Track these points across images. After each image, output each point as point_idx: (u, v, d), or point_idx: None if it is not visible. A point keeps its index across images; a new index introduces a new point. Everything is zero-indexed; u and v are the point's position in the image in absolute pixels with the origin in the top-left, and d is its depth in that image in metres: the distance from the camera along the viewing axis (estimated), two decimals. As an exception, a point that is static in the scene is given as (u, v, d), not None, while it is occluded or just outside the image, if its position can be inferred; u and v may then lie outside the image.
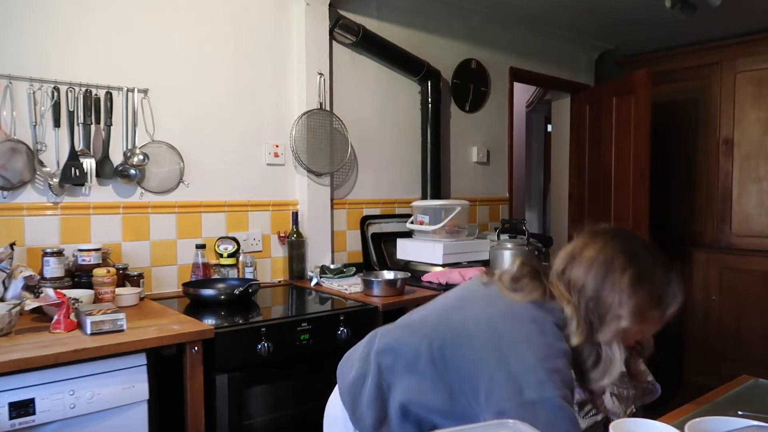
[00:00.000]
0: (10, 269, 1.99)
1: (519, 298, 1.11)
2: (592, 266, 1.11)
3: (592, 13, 3.71)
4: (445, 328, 1.17)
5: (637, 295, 1.07)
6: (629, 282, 1.08)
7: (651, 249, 1.14)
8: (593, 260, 1.11)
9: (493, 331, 1.08)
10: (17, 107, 2.12)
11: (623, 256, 1.10)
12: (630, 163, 3.83)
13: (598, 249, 1.12)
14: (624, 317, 1.06)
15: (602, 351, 1.09)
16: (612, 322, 1.07)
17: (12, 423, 1.48)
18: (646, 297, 1.08)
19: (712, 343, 4.02)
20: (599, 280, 1.09)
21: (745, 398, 1.36)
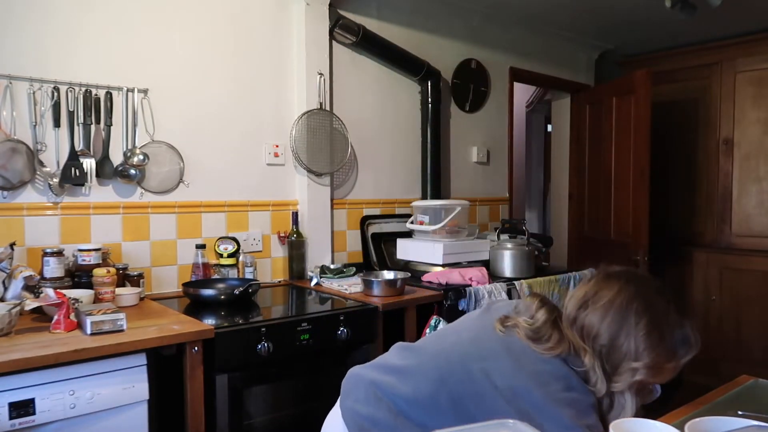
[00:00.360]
0: (10, 269, 1.99)
1: (542, 350, 1.08)
2: (607, 313, 1.09)
3: (592, 13, 3.71)
4: (465, 377, 1.14)
5: (653, 350, 1.06)
6: (645, 333, 1.06)
7: (665, 294, 1.12)
8: (608, 307, 1.09)
9: (526, 392, 1.05)
10: (17, 107, 2.12)
11: (638, 302, 1.08)
12: (630, 163, 3.83)
13: (613, 294, 1.10)
14: (639, 370, 1.06)
15: (615, 398, 1.09)
16: (626, 373, 1.06)
17: (12, 423, 1.48)
18: (662, 351, 1.07)
19: (712, 343, 4.02)
20: (614, 329, 1.07)
21: (745, 398, 1.36)
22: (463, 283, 2.62)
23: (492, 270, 2.90)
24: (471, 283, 2.61)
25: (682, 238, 4.22)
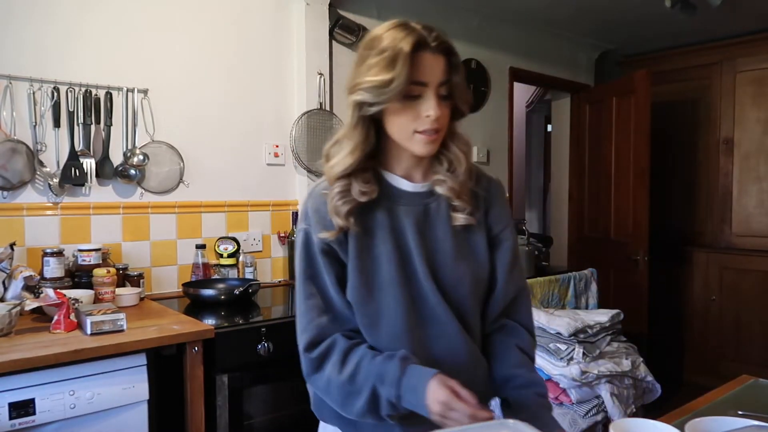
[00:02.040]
0: (10, 269, 1.99)
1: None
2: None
3: (592, 13, 3.71)
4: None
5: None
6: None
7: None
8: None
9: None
10: (17, 107, 2.12)
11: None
12: (630, 163, 3.83)
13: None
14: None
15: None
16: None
17: (12, 423, 1.48)
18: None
19: (712, 343, 4.02)
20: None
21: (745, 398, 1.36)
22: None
23: (492, 270, 2.89)
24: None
25: (682, 238, 4.22)
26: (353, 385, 1.03)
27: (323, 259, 1.10)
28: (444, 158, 1.13)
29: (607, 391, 2.51)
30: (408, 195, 1.13)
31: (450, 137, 1.12)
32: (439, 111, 1.03)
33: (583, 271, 3.10)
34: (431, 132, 1.04)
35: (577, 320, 2.64)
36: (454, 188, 1.11)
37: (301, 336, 1.10)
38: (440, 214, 1.13)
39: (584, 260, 4.02)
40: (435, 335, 1.11)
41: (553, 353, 2.54)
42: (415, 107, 1.03)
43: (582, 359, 2.52)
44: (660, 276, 4.09)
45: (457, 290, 1.12)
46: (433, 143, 1.06)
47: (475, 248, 1.15)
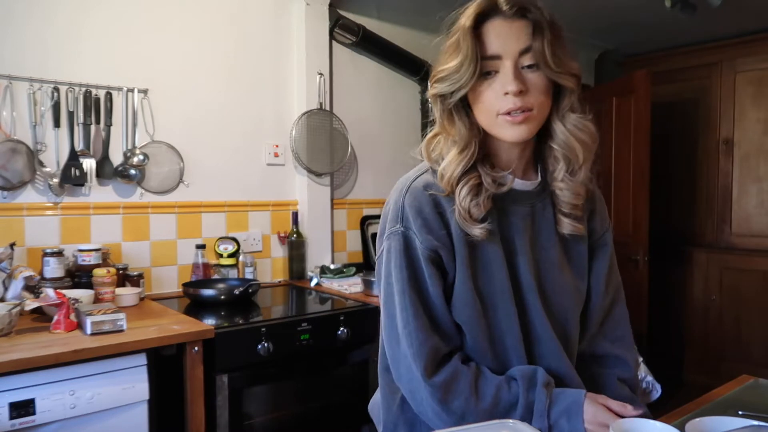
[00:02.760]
0: (10, 269, 1.99)
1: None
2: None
3: (592, 13, 3.71)
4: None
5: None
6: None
7: None
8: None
9: None
10: (17, 107, 2.12)
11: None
12: (630, 163, 3.83)
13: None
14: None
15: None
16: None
17: (12, 423, 1.48)
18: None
19: (712, 343, 4.02)
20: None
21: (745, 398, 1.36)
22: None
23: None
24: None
25: (682, 238, 4.21)
26: (493, 418, 0.90)
27: (429, 269, 0.94)
28: (557, 151, 0.97)
29: (607, 391, 2.50)
30: (516, 194, 0.99)
31: (559, 122, 0.96)
32: (520, 84, 0.88)
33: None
34: (516, 112, 0.89)
35: (577, 320, 2.64)
36: (577, 193, 0.97)
37: (416, 362, 0.93)
38: (546, 217, 1.00)
39: (584, 260, 4.01)
40: (537, 354, 0.99)
41: (553, 353, 2.54)
42: (495, 86, 0.90)
43: (582, 359, 2.52)
44: (660, 276, 4.09)
45: (558, 305, 1.00)
46: (522, 126, 0.90)
47: (579, 258, 1.04)
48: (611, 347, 1.11)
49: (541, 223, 1.00)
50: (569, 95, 0.94)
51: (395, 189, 1.01)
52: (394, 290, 0.96)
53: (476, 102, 0.93)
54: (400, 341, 0.95)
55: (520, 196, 0.99)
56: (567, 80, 0.92)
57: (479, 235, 0.93)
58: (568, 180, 0.97)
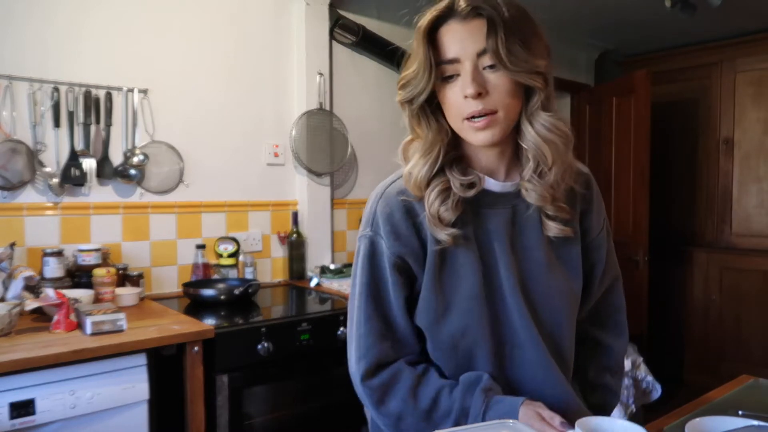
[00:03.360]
0: (10, 269, 1.99)
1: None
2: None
3: (592, 13, 3.71)
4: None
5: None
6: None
7: None
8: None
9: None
10: (17, 107, 2.12)
11: None
12: (630, 163, 3.83)
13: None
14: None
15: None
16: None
17: (12, 423, 1.48)
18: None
19: (712, 343, 4.02)
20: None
21: (745, 398, 1.36)
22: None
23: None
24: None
25: (682, 237, 4.22)
26: (430, 421, 0.91)
27: (393, 276, 0.94)
28: (527, 152, 0.93)
29: (607, 391, 2.50)
30: (494, 195, 0.95)
31: (527, 122, 0.91)
32: (478, 87, 0.84)
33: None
34: (478, 117, 0.86)
35: (577, 320, 2.64)
36: (544, 195, 0.92)
37: (358, 363, 0.96)
38: (530, 217, 0.96)
39: (584, 260, 4.01)
40: (518, 361, 0.95)
41: (553, 353, 2.54)
42: (456, 90, 0.87)
43: (582, 359, 2.52)
44: (660, 276, 4.09)
45: (548, 308, 0.96)
46: (486, 131, 0.87)
47: (571, 259, 0.99)
48: (599, 333, 1.12)
49: (523, 224, 0.96)
50: (537, 94, 0.90)
51: (372, 193, 1.01)
52: (356, 292, 0.99)
53: (444, 106, 0.91)
54: (351, 341, 0.99)
55: (498, 198, 0.96)
56: (529, 79, 0.87)
57: (446, 239, 0.91)
58: (536, 181, 0.92)
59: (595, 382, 1.11)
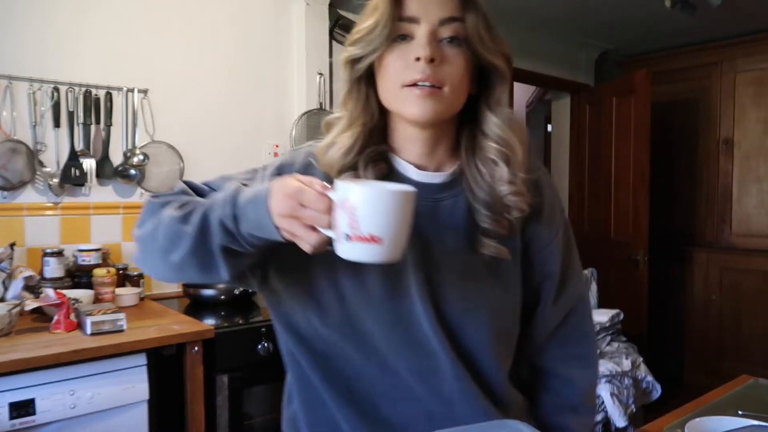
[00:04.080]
0: (10, 269, 1.99)
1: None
2: None
3: (592, 13, 3.71)
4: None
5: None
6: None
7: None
8: None
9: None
10: (17, 107, 2.12)
11: None
12: (630, 163, 3.83)
13: None
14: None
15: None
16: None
17: (12, 423, 1.48)
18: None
19: (712, 343, 4.02)
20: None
21: (745, 398, 1.36)
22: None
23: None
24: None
25: (682, 238, 4.22)
26: (185, 223, 0.73)
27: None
28: (491, 150, 0.81)
29: (607, 391, 2.51)
30: (413, 186, 0.80)
31: (491, 113, 0.81)
32: (434, 51, 0.74)
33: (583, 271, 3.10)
34: (424, 83, 0.75)
35: (577, 320, 2.64)
36: (523, 193, 0.80)
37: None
38: (456, 216, 0.83)
39: (584, 260, 3.99)
40: (422, 369, 0.83)
41: (553, 353, 2.54)
42: (406, 53, 0.76)
43: (582, 359, 2.52)
44: (660, 276, 4.09)
45: (466, 320, 0.83)
46: (428, 100, 0.75)
47: (499, 270, 0.85)
48: (557, 363, 0.96)
49: (447, 222, 0.83)
50: (501, 83, 0.80)
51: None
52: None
53: (381, 73, 0.79)
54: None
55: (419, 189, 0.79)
56: (500, 60, 0.79)
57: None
58: (515, 180, 0.80)
59: (549, 421, 0.95)
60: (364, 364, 0.83)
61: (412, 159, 0.83)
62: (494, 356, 0.86)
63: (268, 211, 0.67)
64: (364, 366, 0.83)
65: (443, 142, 0.84)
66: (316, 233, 0.66)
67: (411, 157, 0.83)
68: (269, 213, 0.67)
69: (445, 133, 0.83)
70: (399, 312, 0.81)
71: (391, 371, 0.83)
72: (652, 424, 1.24)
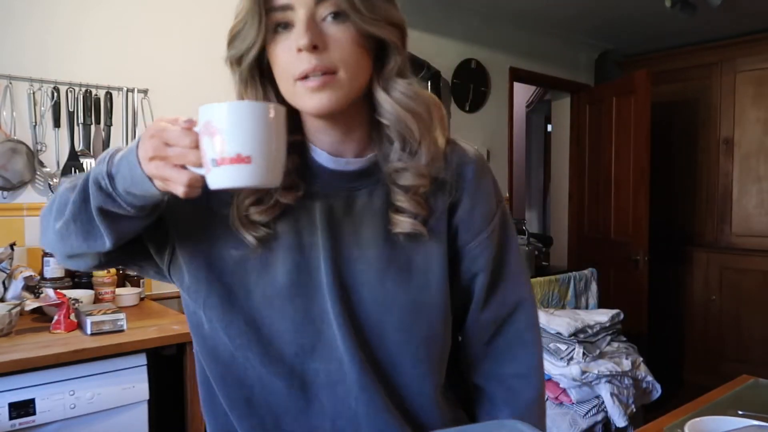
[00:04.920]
0: (10, 269, 1.99)
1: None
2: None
3: (592, 13, 3.71)
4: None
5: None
6: None
7: None
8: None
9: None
10: (17, 107, 2.12)
11: None
12: (630, 163, 3.84)
13: None
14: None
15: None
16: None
17: (12, 423, 1.48)
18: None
19: (712, 343, 4.02)
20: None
21: (745, 398, 1.36)
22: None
23: (492, 270, 2.89)
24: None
25: (682, 238, 4.22)
26: (72, 190, 0.70)
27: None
28: (387, 128, 0.75)
29: (607, 391, 2.51)
30: (326, 175, 0.77)
31: (382, 90, 0.74)
32: (313, 38, 0.67)
33: (583, 271, 3.10)
34: (314, 75, 0.68)
35: (577, 320, 2.64)
36: (421, 174, 0.74)
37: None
38: (372, 207, 0.77)
39: (584, 260, 4.02)
40: (330, 378, 0.75)
41: (553, 353, 2.54)
42: (289, 43, 0.69)
43: (582, 359, 2.53)
44: (660, 276, 4.09)
45: (382, 321, 0.75)
46: (322, 93, 0.69)
47: (421, 263, 0.77)
48: (490, 383, 0.85)
49: (362, 213, 0.76)
50: (394, 55, 0.73)
51: None
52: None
53: (274, 67, 0.73)
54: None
55: (330, 178, 0.77)
56: (387, 31, 0.71)
57: (252, 242, 0.74)
58: (408, 161, 0.74)
59: None
60: (267, 373, 0.76)
61: (326, 147, 0.77)
62: (417, 365, 0.77)
63: (138, 160, 0.62)
64: (267, 375, 0.76)
65: (357, 127, 0.77)
66: (186, 172, 0.61)
67: (325, 145, 0.77)
68: (139, 162, 0.62)
69: (357, 117, 0.76)
70: (310, 311, 0.74)
71: (297, 381, 0.76)
72: (652, 424, 1.24)
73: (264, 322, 0.75)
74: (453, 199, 0.78)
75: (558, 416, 2.45)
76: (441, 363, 0.80)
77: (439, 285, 0.77)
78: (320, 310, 0.74)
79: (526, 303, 0.85)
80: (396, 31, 0.73)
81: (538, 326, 0.87)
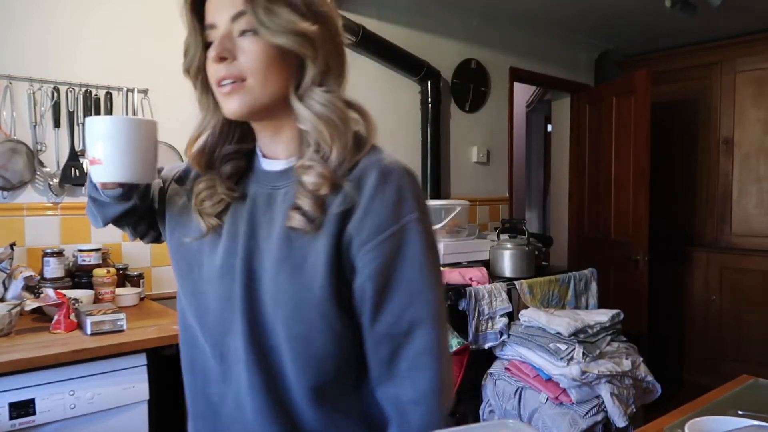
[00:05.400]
0: (10, 269, 1.99)
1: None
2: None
3: (592, 13, 3.71)
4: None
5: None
6: None
7: None
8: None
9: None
10: (17, 107, 2.12)
11: None
12: (630, 163, 3.84)
13: None
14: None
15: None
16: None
17: (12, 423, 1.48)
18: None
19: (712, 343, 4.02)
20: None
21: (745, 398, 1.36)
22: (463, 283, 2.62)
23: (492, 270, 2.90)
24: (471, 283, 2.61)
25: (682, 238, 4.22)
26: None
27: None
28: (307, 134, 0.82)
29: (607, 391, 2.50)
30: (260, 174, 0.88)
31: (297, 100, 0.81)
32: (221, 50, 0.78)
33: (583, 271, 3.10)
34: (226, 82, 0.79)
35: (577, 320, 2.64)
36: (323, 175, 0.79)
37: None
38: (285, 204, 0.83)
39: (584, 260, 4.02)
40: (233, 349, 0.84)
41: (553, 353, 2.54)
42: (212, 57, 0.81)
43: (582, 359, 2.52)
44: (660, 276, 4.09)
45: (272, 312, 0.80)
46: (232, 98, 0.79)
47: (311, 262, 0.79)
48: (388, 406, 0.83)
49: (277, 210, 0.84)
50: (310, 65, 0.81)
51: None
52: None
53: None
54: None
55: (260, 177, 0.88)
56: (293, 42, 0.78)
57: (203, 229, 0.88)
58: (316, 163, 0.80)
59: None
60: (203, 341, 0.88)
61: (263, 150, 0.89)
62: (295, 360, 0.80)
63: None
64: (203, 343, 0.88)
65: (285, 131, 0.86)
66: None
67: (262, 147, 0.90)
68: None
69: (285, 121, 0.85)
70: (233, 291, 0.83)
71: (218, 351, 0.86)
72: (652, 424, 1.24)
73: (204, 296, 0.87)
74: (347, 206, 0.79)
75: (558, 416, 2.45)
76: (319, 364, 0.81)
77: (323, 285, 0.79)
78: (236, 293, 0.83)
79: (424, 325, 0.80)
80: (304, 41, 0.79)
81: (441, 349, 0.81)
